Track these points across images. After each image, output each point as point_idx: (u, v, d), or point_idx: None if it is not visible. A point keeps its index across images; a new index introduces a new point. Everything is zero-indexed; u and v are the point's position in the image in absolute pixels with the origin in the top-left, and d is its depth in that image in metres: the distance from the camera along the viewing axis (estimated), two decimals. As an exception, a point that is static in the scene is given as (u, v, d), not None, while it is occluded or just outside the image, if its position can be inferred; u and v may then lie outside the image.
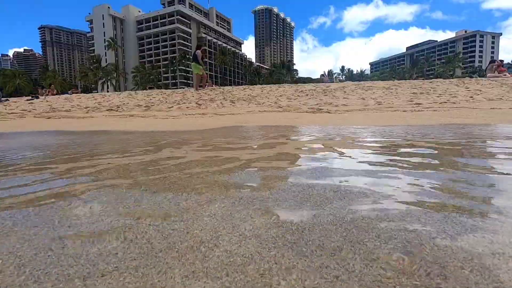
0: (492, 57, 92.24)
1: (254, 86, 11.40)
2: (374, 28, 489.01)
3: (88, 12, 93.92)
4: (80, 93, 17.69)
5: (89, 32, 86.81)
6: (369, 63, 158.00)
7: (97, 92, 22.00)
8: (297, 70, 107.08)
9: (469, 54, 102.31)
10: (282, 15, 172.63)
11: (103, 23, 79.00)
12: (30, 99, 11.31)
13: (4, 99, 11.48)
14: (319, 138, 2.56)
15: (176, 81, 74.50)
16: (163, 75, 78.56)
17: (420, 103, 5.95)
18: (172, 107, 7.19)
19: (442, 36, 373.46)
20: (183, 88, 18.32)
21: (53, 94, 14.82)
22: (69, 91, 19.71)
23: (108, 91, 44.84)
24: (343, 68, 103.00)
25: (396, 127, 3.25)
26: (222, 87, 11.71)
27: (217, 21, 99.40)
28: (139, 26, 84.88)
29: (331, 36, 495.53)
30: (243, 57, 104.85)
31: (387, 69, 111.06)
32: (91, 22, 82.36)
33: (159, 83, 68.55)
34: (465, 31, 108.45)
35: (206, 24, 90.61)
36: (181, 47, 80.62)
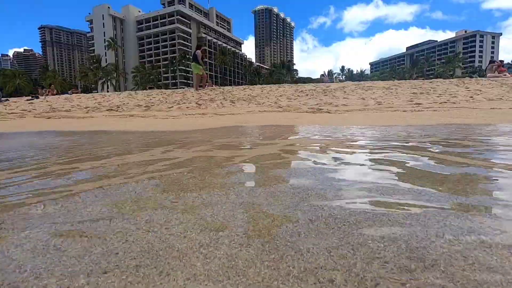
0: (492, 57, 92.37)
1: (254, 86, 11.40)
2: (374, 28, 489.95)
3: (88, 12, 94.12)
4: (80, 93, 17.70)
5: (89, 32, 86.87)
6: (369, 63, 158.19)
7: (97, 92, 22.02)
8: (297, 70, 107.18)
9: (469, 54, 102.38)
10: (282, 15, 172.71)
11: (103, 23, 79.04)
12: (30, 99, 11.32)
13: (4, 99, 11.48)
14: (319, 137, 2.56)
15: (176, 81, 74.54)
16: (163, 75, 78.61)
17: (420, 103, 5.95)
18: (172, 107, 7.19)
19: (442, 36, 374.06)
20: (183, 88, 18.33)
21: (53, 94, 14.82)
22: (69, 91, 19.71)
23: (108, 91, 44.88)
24: (343, 68, 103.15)
25: (396, 127, 3.25)
26: (222, 87, 11.71)
27: (217, 21, 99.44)
28: (139, 26, 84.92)
29: (331, 36, 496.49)
30: (243, 57, 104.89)
31: (387, 69, 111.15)
32: (91, 22, 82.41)
33: (159, 83, 68.59)
34: (465, 31, 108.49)
35: (206, 24, 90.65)
36: (181, 47, 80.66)
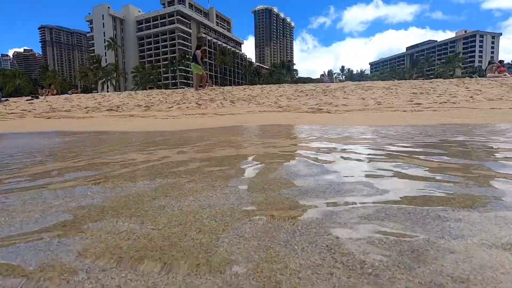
0: (492, 57, 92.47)
1: (254, 86, 11.40)
2: (374, 28, 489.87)
3: (88, 12, 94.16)
4: (80, 93, 17.70)
5: (89, 32, 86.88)
6: (369, 63, 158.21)
7: (97, 92, 22.02)
8: (297, 70, 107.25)
9: (469, 54, 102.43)
10: (282, 15, 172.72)
11: (103, 23, 79.06)
12: (30, 99, 11.31)
13: (4, 99, 11.48)
14: (320, 137, 2.56)
15: (176, 81, 74.56)
16: (163, 75, 78.63)
17: (420, 103, 5.95)
18: (172, 107, 7.19)
19: (442, 36, 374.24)
20: (183, 88, 18.34)
21: (53, 94, 14.82)
22: (69, 91, 19.71)
23: (108, 91, 44.89)
24: (343, 68, 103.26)
25: (396, 127, 3.25)
26: (222, 87, 11.71)
27: (217, 21, 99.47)
28: (139, 26, 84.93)
29: (331, 36, 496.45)
30: (243, 57, 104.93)
31: (387, 69, 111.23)
32: (91, 22, 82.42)
33: (159, 83, 68.62)
34: (465, 31, 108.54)
35: (206, 24, 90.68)
36: (181, 47, 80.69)
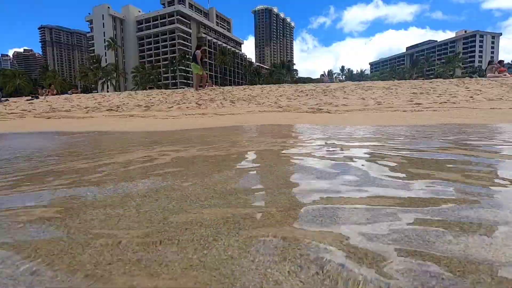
0: (492, 57, 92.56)
1: (254, 86, 11.40)
2: (374, 28, 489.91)
3: (88, 12, 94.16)
4: (80, 93, 17.69)
5: (89, 32, 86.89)
6: (369, 63, 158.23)
7: (97, 92, 22.02)
8: (297, 70, 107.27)
9: (469, 54, 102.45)
10: (282, 15, 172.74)
11: (103, 23, 79.07)
12: (30, 99, 11.31)
13: (4, 99, 11.48)
14: (320, 137, 2.55)
15: (176, 81, 74.58)
16: (163, 75, 78.64)
17: (420, 103, 5.95)
18: (172, 107, 7.18)
19: (442, 36, 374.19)
20: (183, 88, 18.34)
21: (53, 94, 14.82)
22: (68, 91, 19.69)
23: (108, 91, 44.89)
24: (343, 68, 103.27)
25: (395, 127, 3.25)
26: (222, 87, 11.71)
27: (217, 21, 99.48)
28: (139, 26, 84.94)
29: (331, 36, 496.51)
30: (243, 57, 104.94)
31: (387, 69, 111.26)
32: (91, 22, 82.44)
33: (159, 83, 68.63)
34: (465, 31, 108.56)
35: (206, 24, 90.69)
36: (181, 47, 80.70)
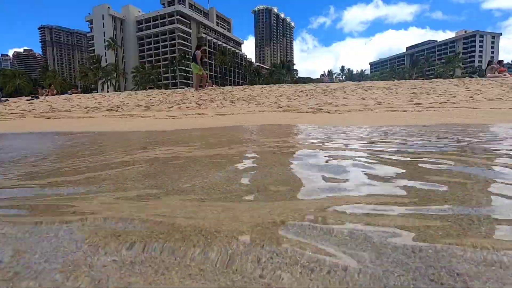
0: (492, 57, 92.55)
1: (254, 86, 11.40)
2: (374, 28, 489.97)
3: (88, 12, 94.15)
4: (80, 93, 17.67)
5: (89, 32, 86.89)
6: (369, 63, 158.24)
7: (97, 92, 22.02)
8: (297, 70, 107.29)
9: (469, 54, 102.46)
10: (282, 15, 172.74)
11: (103, 23, 79.07)
12: (30, 99, 11.30)
13: (4, 99, 11.47)
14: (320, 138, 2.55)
15: (176, 81, 74.58)
16: (163, 75, 78.64)
17: (420, 103, 5.95)
18: (172, 107, 7.18)
19: (442, 36, 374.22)
20: (183, 88, 18.34)
21: (53, 94, 14.79)
22: (68, 91, 19.66)
23: (108, 91, 44.90)
24: (343, 68, 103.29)
25: (395, 127, 3.25)
26: (222, 87, 11.71)
27: (217, 21, 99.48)
28: (139, 26, 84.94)
29: (331, 36, 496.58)
30: (243, 57, 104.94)
31: (387, 69, 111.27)
32: (91, 22, 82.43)
33: (159, 83, 68.63)
34: (465, 31, 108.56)
35: (206, 24, 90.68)
36: (181, 47, 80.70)
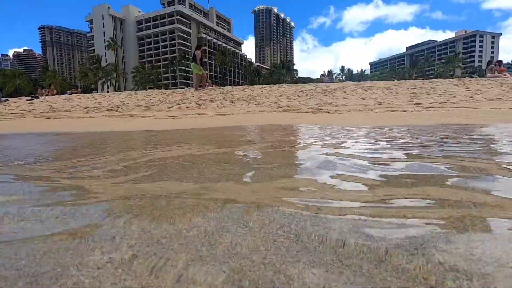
0: (492, 57, 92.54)
1: (254, 86, 11.40)
2: (374, 28, 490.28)
3: (88, 12, 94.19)
4: (79, 93, 17.65)
5: (89, 32, 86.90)
6: (369, 63, 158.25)
7: (97, 92, 22.02)
8: (297, 70, 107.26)
9: (469, 54, 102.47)
10: (282, 15, 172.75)
11: (103, 23, 79.07)
12: (30, 99, 11.29)
13: (4, 99, 11.47)
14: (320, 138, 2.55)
15: (176, 81, 74.58)
16: (163, 75, 78.64)
17: (420, 103, 5.95)
18: (172, 107, 7.18)
19: (442, 36, 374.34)
20: (183, 88, 18.35)
21: (53, 94, 14.77)
22: (68, 91, 19.62)
23: (108, 91, 44.90)
24: (343, 68, 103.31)
25: (394, 127, 3.25)
26: (222, 87, 11.71)
27: (217, 21, 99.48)
28: (139, 26, 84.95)
29: (331, 36, 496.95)
30: (243, 57, 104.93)
31: (387, 69, 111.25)
32: (91, 22, 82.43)
33: (159, 83, 68.63)
34: (465, 31, 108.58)
35: (206, 24, 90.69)
36: (181, 47, 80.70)
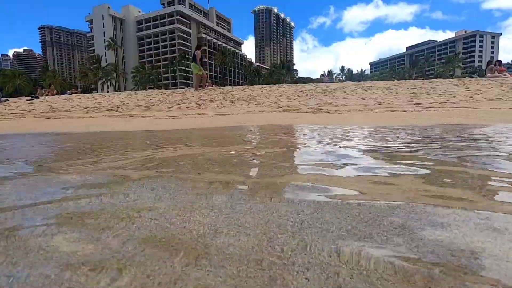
0: (492, 57, 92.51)
1: (254, 86, 11.40)
2: (374, 28, 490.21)
3: (88, 12, 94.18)
4: (79, 93, 17.63)
5: (89, 32, 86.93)
6: (369, 63, 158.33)
7: (97, 92, 22.01)
8: (297, 70, 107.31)
9: (469, 54, 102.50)
10: (282, 15, 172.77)
11: (103, 23, 79.09)
12: (29, 99, 11.28)
13: (4, 99, 11.46)
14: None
15: (176, 81, 74.60)
16: (163, 75, 78.65)
17: (420, 103, 5.95)
18: (172, 107, 7.18)
19: (442, 36, 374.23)
20: (183, 88, 18.35)
21: (53, 94, 14.75)
22: (68, 91, 19.59)
23: (108, 91, 44.90)
24: (343, 68, 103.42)
25: (393, 127, 3.25)
26: (222, 87, 11.71)
27: (217, 21, 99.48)
28: (139, 26, 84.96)
29: (331, 36, 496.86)
30: (243, 57, 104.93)
31: (387, 69, 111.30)
32: (91, 22, 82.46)
33: (159, 83, 68.63)
34: (465, 31, 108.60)
35: (206, 24, 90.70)
36: (181, 47, 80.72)
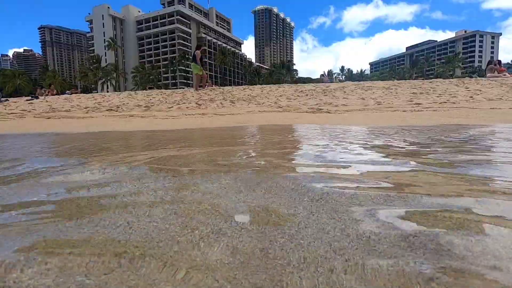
0: (492, 57, 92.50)
1: (254, 86, 11.40)
2: (374, 28, 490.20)
3: (88, 12, 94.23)
4: (79, 93, 17.61)
5: (89, 32, 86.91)
6: (369, 63, 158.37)
7: (97, 92, 22.01)
8: (297, 70, 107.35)
9: (469, 54, 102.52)
10: (282, 15, 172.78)
11: (103, 23, 79.07)
12: (29, 99, 11.28)
13: (4, 99, 11.46)
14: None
15: (176, 81, 74.59)
16: (163, 75, 78.65)
17: (420, 103, 5.96)
18: (172, 107, 7.18)
19: (442, 36, 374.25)
20: (183, 88, 18.35)
21: (53, 94, 14.75)
22: (68, 91, 19.58)
23: (108, 91, 44.90)
24: (343, 68, 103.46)
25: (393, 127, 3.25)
26: (222, 87, 11.71)
27: (217, 21, 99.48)
28: (139, 26, 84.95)
29: (331, 36, 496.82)
30: (243, 57, 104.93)
31: (387, 69, 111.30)
32: (91, 22, 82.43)
33: (159, 83, 68.63)
34: (465, 31, 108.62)
35: (206, 24, 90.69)
36: (181, 47, 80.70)
